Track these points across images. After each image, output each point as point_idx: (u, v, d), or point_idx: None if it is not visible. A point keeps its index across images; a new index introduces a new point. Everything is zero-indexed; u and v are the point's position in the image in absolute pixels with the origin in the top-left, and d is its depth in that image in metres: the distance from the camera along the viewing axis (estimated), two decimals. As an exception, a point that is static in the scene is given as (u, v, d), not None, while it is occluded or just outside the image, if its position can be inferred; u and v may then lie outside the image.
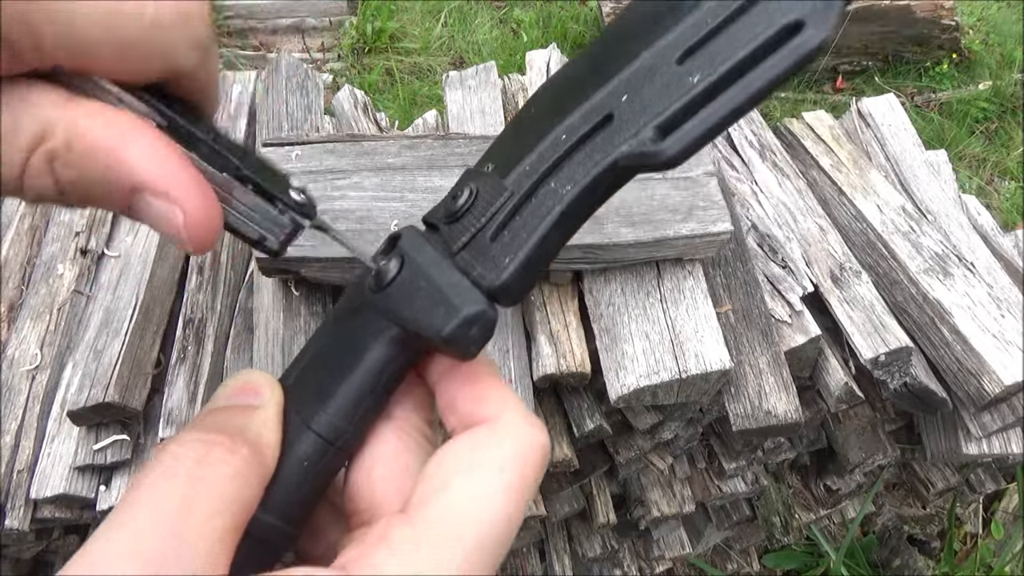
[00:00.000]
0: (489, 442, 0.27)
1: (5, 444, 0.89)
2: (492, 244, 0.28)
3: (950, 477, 1.33)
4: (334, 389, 0.29)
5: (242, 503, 0.25)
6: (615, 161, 0.25)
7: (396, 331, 0.29)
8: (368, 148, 0.91)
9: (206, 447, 0.25)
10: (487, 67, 1.19)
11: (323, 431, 0.28)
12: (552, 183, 0.27)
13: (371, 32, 3.20)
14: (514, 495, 0.26)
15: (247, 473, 0.26)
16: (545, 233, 0.27)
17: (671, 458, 1.16)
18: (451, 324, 0.27)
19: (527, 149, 0.29)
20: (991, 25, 3.57)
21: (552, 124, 0.28)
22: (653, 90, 0.25)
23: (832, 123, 1.30)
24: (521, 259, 0.27)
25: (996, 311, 1.02)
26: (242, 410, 0.28)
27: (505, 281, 0.27)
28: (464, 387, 0.29)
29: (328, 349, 0.31)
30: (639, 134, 0.24)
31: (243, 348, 0.94)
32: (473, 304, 0.27)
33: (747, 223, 1.10)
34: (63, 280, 1.01)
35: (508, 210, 0.28)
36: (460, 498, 0.26)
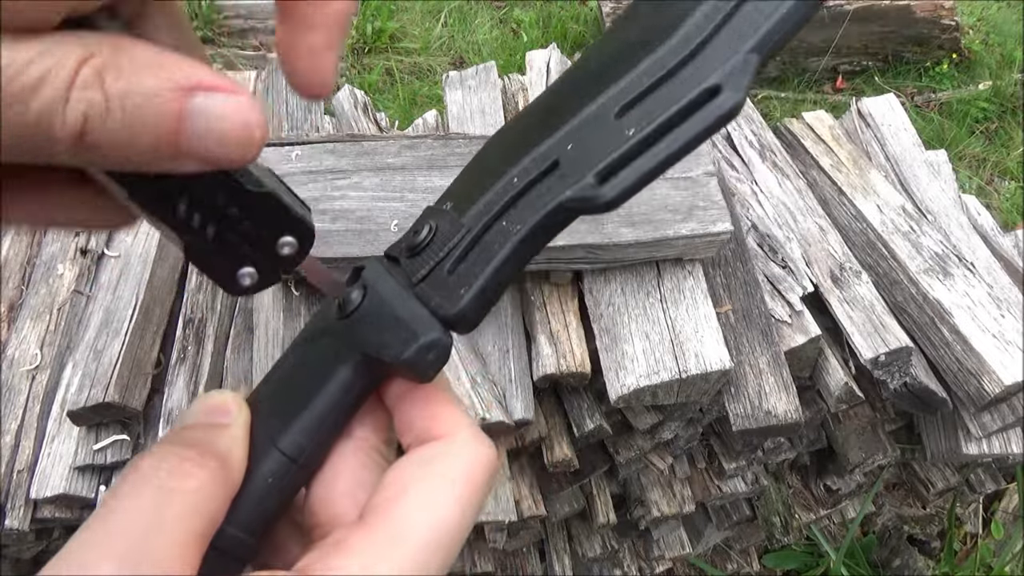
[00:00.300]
0: (442, 457, 0.29)
1: (5, 444, 0.89)
2: (449, 277, 0.30)
3: (950, 477, 1.33)
4: (299, 410, 0.31)
5: (208, 513, 0.27)
6: (560, 204, 0.28)
7: (359, 357, 0.31)
8: (368, 148, 0.91)
9: (178, 459, 0.27)
10: (487, 67, 1.19)
11: (287, 449, 0.30)
12: (504, 222, 0.30)
13: (371, 32, 3.20)
14: (464, 505, 0.28)
15: (213, 486, 0.27)
16: (498, 267, 0.29)
17: (671, 458, 1.16)
18: (410, 349, 0.29)
19: (482, 190, 0.31)
20: (991, 25, 3.57)
21: (505, 168, 0.31)
22: (594, 141, 0.28)
23: (832, 123, 1.30)
24: (475, 291, 0.29)
25: (996, 311, 1.02)
26: (212, 427, 0.30)
27: (460, 310, 0.29)
28: (420, 408, 0.31)
29: (295, 371, 0.34)
30: (581, 181, 0.27)
31: (243, 348, 0.94)
32: (431, 332, 0.29)
33: (747, 223, 1.10)
34: (63, 280, 1.01)
35: (464, 245, 0.30)
36: (414, 506, 0.27)
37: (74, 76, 0.21)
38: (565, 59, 1.24)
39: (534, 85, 1.19)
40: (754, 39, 0.25)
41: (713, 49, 0.26)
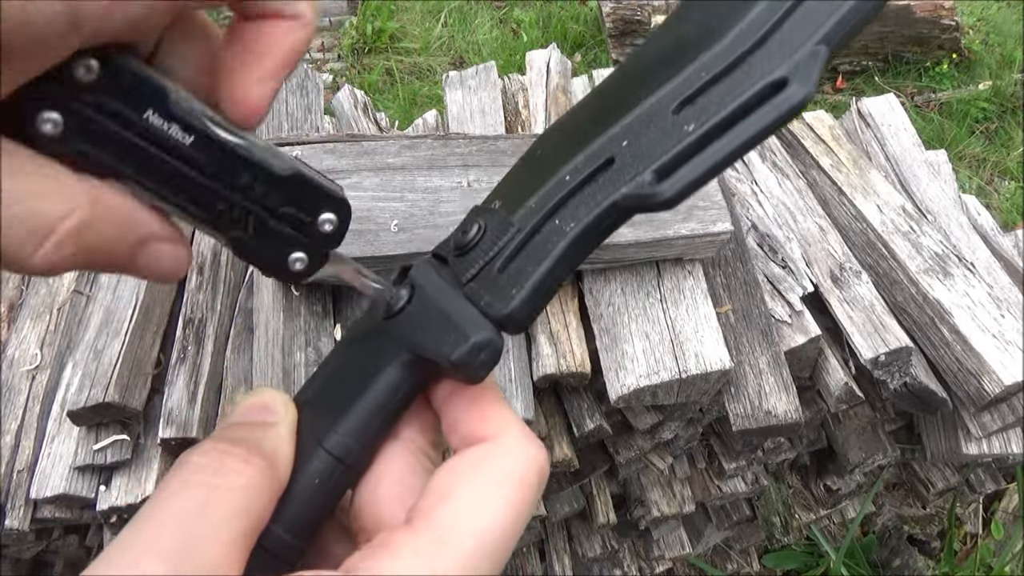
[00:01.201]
0: (490, 458, 0.28)
1: (5, 444, 0.89)
2: (499, 276, 0.30)
3: (950, 477, 1.33)
4: (346, 410, 0.30)
5: (254, 512, 0.27)
6: (615, 202, 0.27)
7: (407, 356, 0.30)
8: (368, 148, 0.91)
9: (223, 457, 0.27)
10: (487, 67, 1.19)
11: (334, 450, 0.30)
12: (557, 220, 0.29)
13: (371, 32, 3.20)
14: (512, 509, 0.27)
15: (260, 484, 0.27)
16: (551, 266, 0.28)
17: (671, 458, 1.16)
18: (461, 350, 0.28)
19: (533, 188, 0.31)
20: (991, 25, 3.57)
21: (557, 165, 0.30)
22: (652, 137, 0.27)
23: (832, 123, 1.30)
24: (528, 290, 0.28)
25: (996, 311, 1.02)
26: (258, 426, 0.30)
27: (512, 311, 0.28)
28: (468, 408, 0.30)
29: (341, 371, 0.33)
30: (638, 177, 0.26)
31: (243, 348, 0.94)
32: (482, 331, 0.28)
33: (747, 223, 1.10)
34: (63, 280, 1.01)
35: (515, 245, 0.30)
36: (461, 509, 0.27)
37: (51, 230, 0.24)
38: (565, 59, 1.24)
39: (534, 85, 1.19)
40: (822, 31, 0.25)
41: (777, 43, 0.26)
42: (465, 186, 0.89)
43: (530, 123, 1.15)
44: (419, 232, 0.83)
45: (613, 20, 3.16)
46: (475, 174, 0.90)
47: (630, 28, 3.17)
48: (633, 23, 3.16)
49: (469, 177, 0.90)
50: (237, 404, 0.31)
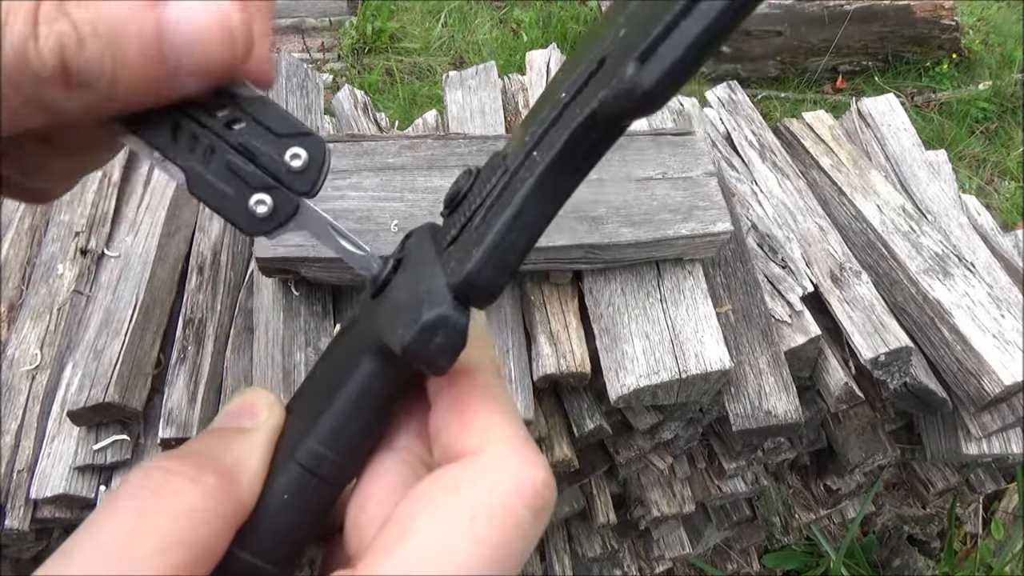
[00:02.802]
0: (463, 482, 0.23)
1: (5, 444, 0.89)
2: (474, 233, 0.24)
3: (950, 477, 1.33)
4: (319, 413, 0.26)
5: (197, 540, 0.22)
6: (592, 112, 0.21)
7: (379, 344, 0.25)
8: (368, 148, 0.91)
9: (165, 476, 0.23)
10: (487, 67, 1.19)
11: (303, 460, 0.25)
12: (536, 152, 0.23)
13: (371, 32, 3.20)
14: (486, 550, 0.21)
15: (207, 506, 0.23)
16: (515, 212, 0.23)
17: (671, 458, 1.16)
18: (410, 333, 0.23)
19: (533, 116, 0.25)
20: (991, 25, 3.57)
21: (562, 82, 0.24)
22: (645, 17, 0.20)
23: (832, 123, 1.30)
24: (486, 247, 0.23)
25: (996, 311, 1.02)
26: (231, 433, 0.26)
27: (468, 275, 0.23)
28: (448, 410, 0.25)
29: (320, 369, 0.29)
30: (620, 72, 0.20)
31: (243, 348, 0.94)
32: (435, 307, 0.23)
33: (747, 223, 1.10)
34: (63, 280, 1.01)
35: (497, 192, 0.24)
36: (417, 553, 0.21)
37: (35, 11, 0.20)
38: (565, 59, 1.23)
39: (534, 85, 1.19)
40: None
41: None
42: (465, 186, 0.89)
43: (530, 123, 1.15)
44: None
45: None
46: (475, 174, 0.90)
47: (630, 28, 3.16)
48: (633, 23, 3.15)
49: (469, 177, 0.90)
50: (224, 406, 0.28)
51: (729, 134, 1.25)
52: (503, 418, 0.24)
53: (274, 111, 0.25)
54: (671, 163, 0.96)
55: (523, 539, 0.22)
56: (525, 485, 0.22)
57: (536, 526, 0.23)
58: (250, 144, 0.25)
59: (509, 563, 0.22)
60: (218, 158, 0.25)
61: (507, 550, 0.22)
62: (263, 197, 0.26)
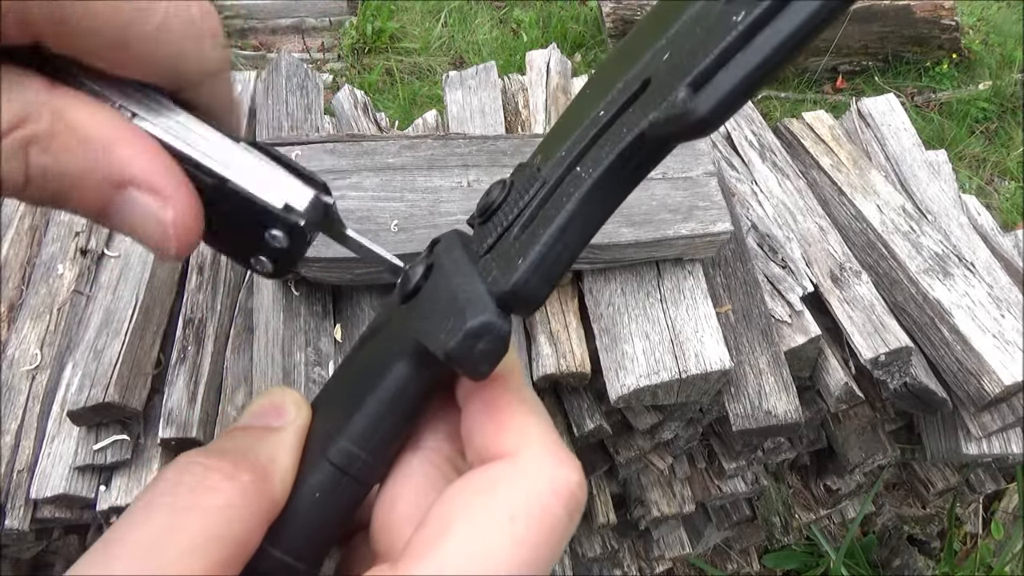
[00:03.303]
0: (503, 483, 0.23)
1: (5, 444, 0.89)
2: (514, 244, 0.24)
3: (950, 477, 1.33)
4: (351, 413, 0.26)
5: (234, 537, 0.23)
6: (641, 132, 0.21)
7: (414, 347, 0.26)
8: (368, 148, 0.91)
9: (203, 473, 0.24)
10: (487, 67, 1.19)
11: (336, 459, 0.26)
12: (579, 167, 0.23)
13: (371, 32, 3.20)
14: (525, 551, 0.22)
15: (243, 503, 0.23)
16: (561, 226, 0.23)
17: (671, 458, 1.16)
18: (455, 339, 0.23)
19: (568, 132, 0.25)
20: (991, 25, 3.57)
21: (596, 100, 0.24)
22: (695, 41, 0.20)
23: (832, 123, 1.30)
24: (532, 258, 0.23)
25: (996, 311, 1.02)
26: (260, 432, 0.26)
27: (515, 285, 0.23)
28: (484, 415, 0.25)
29: (349, 368, 0.29)
30: (671, 96, 0.20)
31: (243, 348, 0.94)
32: (480, 314, 0.23)
33: (747, 223, 1.10)
34: (63, 280, 1.01)
35: (536, 203, 0.24)
36: (457, 549, 0.22)
37: None
38: (565, 59, 1.23)
39: (534, 85, 1.19)
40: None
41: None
42: (465, 186, 0.89)
43: (530, 123, 1.15)
44: (419, 232, 0.83)
45: (613, 20, 3.16)
46: (475, 174, 0.90)
47: (630, 28, 3.17)
48: (633, 23, 3.16)
49: (469, 177, 0.90)
50: (249, 405, 0.28)
51: (729, 134, 1.25)
52: (537, 420, 0.25)
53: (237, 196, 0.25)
54: (671, 163, 0.96)
55: (559, 540, 0.23)
56: (561, 486, 0.23)
57: (571, 527, 0.23)
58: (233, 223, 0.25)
59: (545, 563, 0.22)
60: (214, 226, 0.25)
61: (545, 550, 0.22)
62: (263, 260, 0.26)
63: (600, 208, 0.23)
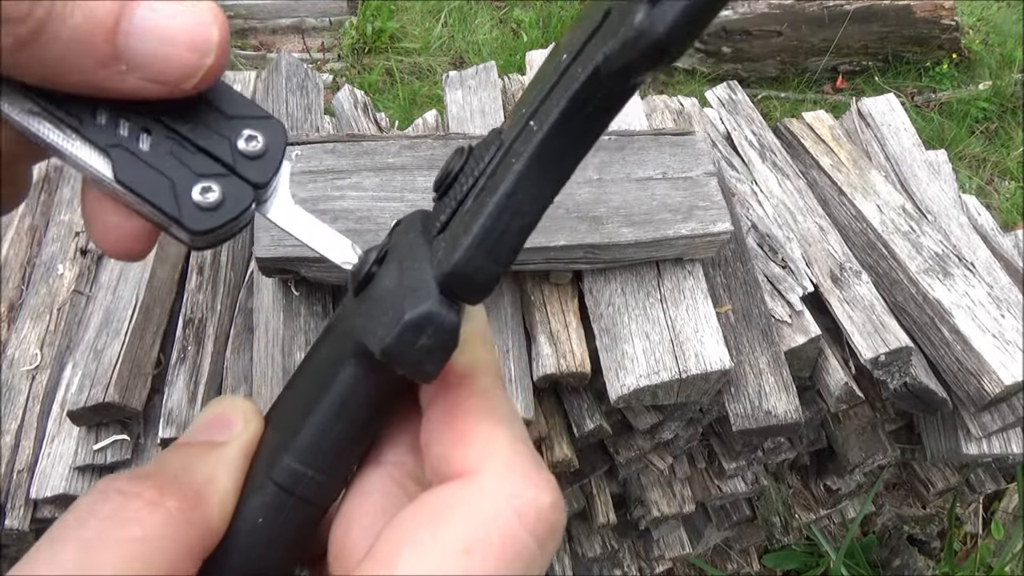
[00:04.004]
0: (457, 507, 0.20)
1: (5, 444, 0.89)
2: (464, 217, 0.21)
3: (950, 477, 1.33)
4: (296, 426, 0.23)
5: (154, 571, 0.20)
6: (596, 68, 0.18)
7: (361, 347, 0.22)
8: (368, 148, 0.91)
9: (121, 501, 0.21)
10: (487, 67, 1.19)
11: (279, 478, 0.23)
12: (532, 122, 0.20)
13: (371, 32, 3.20)
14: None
15: (164, 534, 0.20)
16: (508, 190, 0.19)
17: (671, 458, 1.16)
18: (391, 333, 0.20)
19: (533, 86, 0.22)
20: (991, 25, 3.57)
21: (563, 49, 0.21)
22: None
23: (832, 123, 1.30)
24: (476, 232, 0.19)
25: (996, 311, 1.02)
26: (201, 448, 0.23)
27: (455, 265, 0.20)
28: (441, 422, 0.22)
29: (299, 375, 0.26)
30: (628, 20, 0.17)
31: (243, 348, 0.94)
32: (420, 304, 0.20)
33: (747, 223, 1.10)
34: (63, 280, 1.01)
35: (490, 171, 0.21)
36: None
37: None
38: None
39: (534, 85, 1.19)
40: None
41: None
42: (465, 186, 0.89)
43: (530, 123, 1.15)
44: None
45: None
46: (475, 174, 0.90)
47: (630, 28, 3.16)
48: (633, 23, 3.16)
49: (469, 177, 0.90)
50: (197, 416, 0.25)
51: (729, 134, 1.25)
52: (503, 430, 0.21)
53: (226, 91, 0.22)
54: (671, 163, 0.96)
55: (525, 570, 0.20)
56: (527, 508, 0.20)
57: (541, 555, 0.20)
58: (194, 124, 0.22)
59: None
60: (154, 140, 0.21)
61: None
62: (209, 184, 0.22)
63: (554, 166, 0.20)
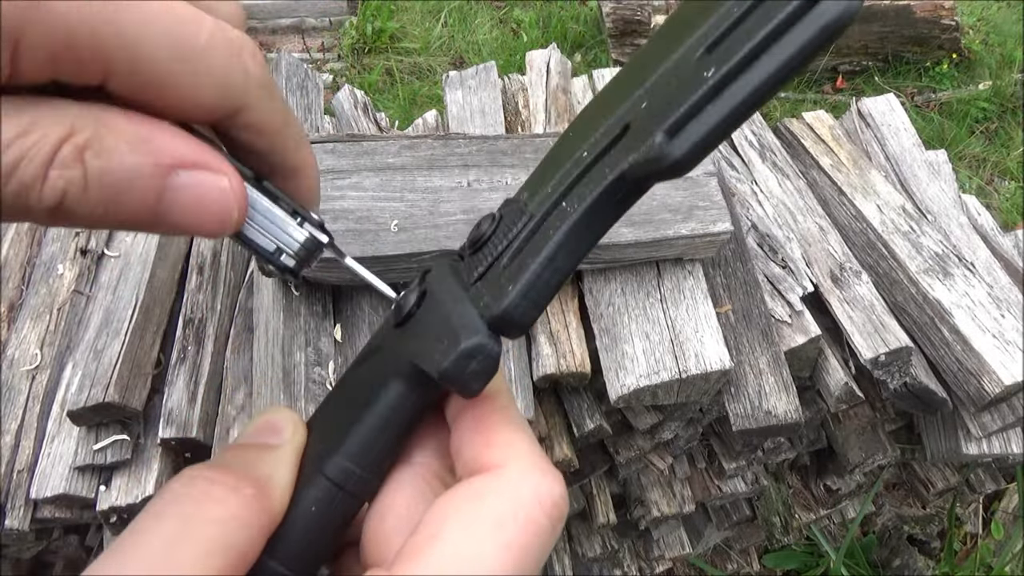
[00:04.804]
0: (489, 493, 0.25)
1: (5, 444, 0.89)
2: (504, 272, 0.27)
3: (950, 477, 1.33)
4: (347, 430, 0.28)
5: (236, 546, 0.24)
6: (622, 173, 0.24)
7: (409, 368, 0.28)
8: (368, 148, 0.91)
9: (208, 486, 0.25)
10: (487, 67, 1.19)
11: (332, 474, 0.27)
12: (564, 203, 0.26)
13: (371, 32, 3.20)
14: (511, 554, 0.23)
15: (245, 515, 0.25)
16: (550, 255, 0.25)
17: (671, 458, 1.16)
18: (449, 358, 0.25)
19: (553, 171, 0.28)
20: (991, 25, 3.57)
21: (579, 143, 0.27)
22: (670, 92, 0.23)
23: (832, 123, 1.30)
24: (522, 284, 0.25)
25: (996, 311, 1.02)
26: (259, 449, 0.28)
27: (506, 309, 0.25)
28: (473, 430, 0.27)
29: (346, 388, 0.31)
30: (648, 140, 0.22)
31: (243, 348, 0.94)
32: (473, 336, 0.25)
33: (747, 223, 1.10)
34: (63, 280, 1.01)
35: (524, 235, 0.27)
36: (448, 554, 0.23)
37: (53, 155, 0.21)
38: (565, 59, 1.24)
39: (534, 85, 1.19)
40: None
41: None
42: (465, 186, 0.89)
43: (530, 123, 1.15)
44: (419, 232, 0.83)
45: (613, 20, 3.16)
46: (475, 174, 0.90)
47: (630, 28, 3.17)
48: (633, 23, 3.16)
49: (469, 177, 0.90)
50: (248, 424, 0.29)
51: (729, 134, 1.25)
52: (523, 436, 0.27)
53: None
54: (671, 163, 0.96)
55: (543, 546, 0.24)
56: (545, 497, 0.25)
57: (553, 535, 0.25)
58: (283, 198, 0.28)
59: (530, 567, 0.24)
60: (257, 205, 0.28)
61: (530, 555, 0.24)
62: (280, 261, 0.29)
63: (584, 239, 0.26)
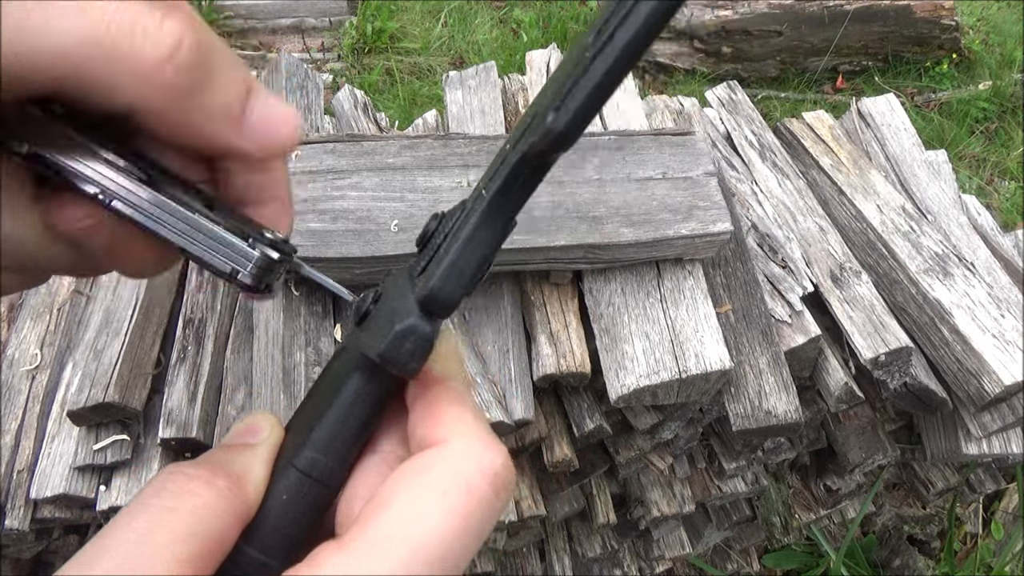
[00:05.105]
0: (435, 464, 0.27)
1: (5, 444, 0.89)
2: (435, 259, 0.29)
3: (950, 477, 1.33)
4: (314, 425, 0.30)
5: (210, 533, 0.26)
6: (523, 154, 0.26)
7: (363, 360, 0.30)
8: (368, 148, 0.91)
9: (185, 480, 0.27)
10: (487, 67, 1.19)
11: (301, 465, 0.29)
12: (484, 190, 0.29)
13: (371, 32, 3.20)
14: (456, 519, 0.25)
15: (218, 505, 0.27)
16: (467, 235, 0.28)
17: (671, 458, 1.16)
18: (385, 341, 0.28)
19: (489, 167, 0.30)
20: (991, 25, 3.57)
21: (507, 140, 0.30)
22: (563, 78, 0.25)
23: (832, 123, 1.30)
24: (445, 266, 0.28)
25: (996, 311, 1.02)
26: (238, 448, 0.30)
27: (431, 290, 0.28)
28: (424, 410, 0.29)
29: (314, 387, 0.33)
30: (542, 122, 0.25)
31: (243, 348, 0.94)
32: (406, 319, 0.28)
33: (747, 223, 1.10)
34: (63, 280, 1.01)
35: (457, 226, 0.29)
36: (395, 518, 0.25)
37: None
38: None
39: (534, 85, 1.19)
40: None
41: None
42: (465, 186, 0.89)
43: (530, 123, 1.15)
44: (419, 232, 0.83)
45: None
46: (475, 174, 0.90)
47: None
48: (633, 23, 3.15)
49: (469, 177, 0.90)
50: (231, 428, 0.32)
51: (729, 134, 1.25)
52: (469, 413, 0.29)
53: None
54: (671, 163, 0.96)
55: (487, 513, 0.26)
56: (487, 467, 0.27)
57: (497, 502, 0.27)
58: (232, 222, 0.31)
59: (475, 532, 0.26)
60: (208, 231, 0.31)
61: (473, 521, 0.26)
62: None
63: (499, 217, 0.28)
